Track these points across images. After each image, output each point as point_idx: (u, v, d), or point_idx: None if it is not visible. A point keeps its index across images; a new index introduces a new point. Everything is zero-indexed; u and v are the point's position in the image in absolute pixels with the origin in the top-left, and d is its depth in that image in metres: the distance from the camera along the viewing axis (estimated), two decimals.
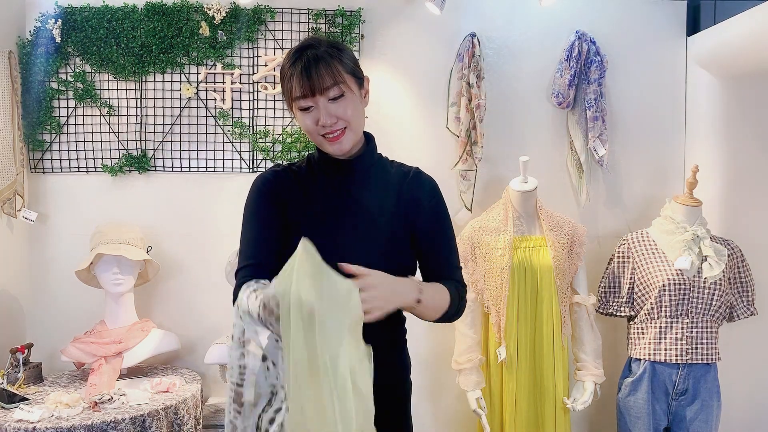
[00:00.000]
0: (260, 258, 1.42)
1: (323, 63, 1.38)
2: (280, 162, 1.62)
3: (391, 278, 1.35)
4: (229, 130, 2.75)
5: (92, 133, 2.72)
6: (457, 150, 2.74)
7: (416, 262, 1.54)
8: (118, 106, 2.72)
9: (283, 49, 2.74)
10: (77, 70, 2.69)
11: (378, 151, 1.57)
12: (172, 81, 2.73)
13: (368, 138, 1.55)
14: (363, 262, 1.44)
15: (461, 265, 1.60)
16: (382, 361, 1.42)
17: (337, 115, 1.41)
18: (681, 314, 2.40)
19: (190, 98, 2.73)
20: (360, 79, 1.47)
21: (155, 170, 2.75)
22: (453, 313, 1.51)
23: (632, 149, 2.86)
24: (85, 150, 2.72)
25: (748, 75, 2.68)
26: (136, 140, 2.73)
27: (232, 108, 2.75)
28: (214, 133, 2.76)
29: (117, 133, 2.73)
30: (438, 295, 1.46)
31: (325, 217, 1.47)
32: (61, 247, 2.72)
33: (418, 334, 2.70)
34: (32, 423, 2.04)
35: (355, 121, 1.45)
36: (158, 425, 2.16)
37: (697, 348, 2.39)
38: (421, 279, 1.53)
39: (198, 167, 2.76)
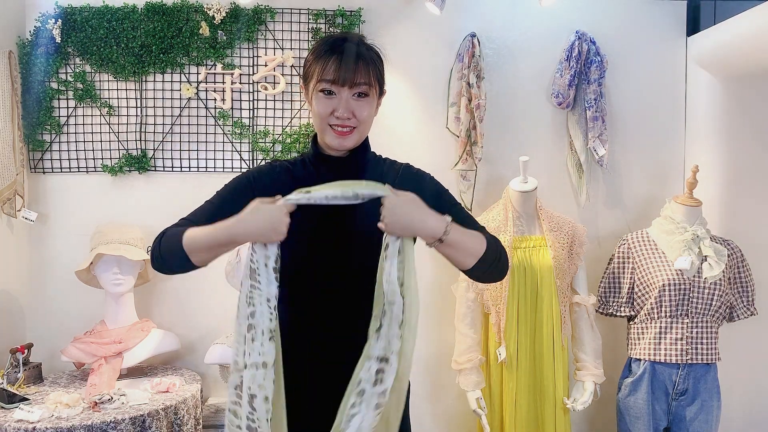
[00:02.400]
0: (198, 219, 1.46)
1: (363, 60, 1.42)
2: (278, 159, 1.62)
3: (419, 207, 1.36)
4: (229, 130, 2.75)
5: (92, 133, 2.73)
6: (457, 150, 2.74)
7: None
8: (118, 106, 2.72)
9: (283, 49, 2.74)
10: (77, 70, 2.69)
11: (371, 150, 1.57)
12: (172, 81, 2.73)
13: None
14: (356, 261, 1.44)
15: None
16: None
17: (354, 113, 1.43)
18: (681, 314, 2.40)
19: (190, 98, 2.73)
20: (382, 89, 1.50)
21: (155, 170, 2.75)
22: (492, 259, 1.44)
23: (632, 149, 2.86)
24: (85, 150, 2.72)
25: (748, 75, 2.68)
26: (136, 140, 2.73)
27: (232, 108, 2.75)
28: (214, 133, 2.76)
29: (117, 133, 2.73)
30: (470, 237, 1.42)
31: (316, 216, 1.46)
32: (61, 247, 2.72)
33: (417, 335, 2.70)
34: (32, 423, 2.04)
35: (365, 125, 1.47)
36: (158, 425, 2.16)
37: (697, 348, 2.39)
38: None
39: (198, 167, 2.76)
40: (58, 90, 2.69)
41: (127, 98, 2.73)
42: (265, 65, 2.73)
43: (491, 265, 1.46)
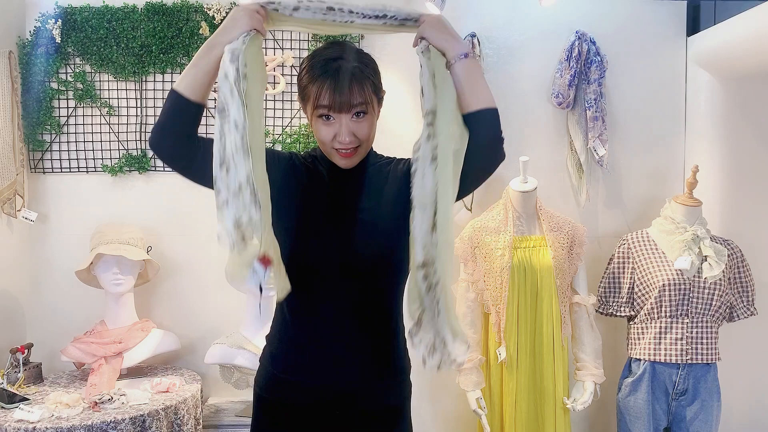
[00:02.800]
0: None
1: (356, 81, 1.38)
2: (297, 152, 1.61)
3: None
4: None
5: (92, 133, 2.73)
6: None
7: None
8: (118, 106, 2.72)
9: (283, 49, 2.74)
10: (77, 70, 2.69)
11: (374, 150, 1.57)
12: (172, 81, 2.73)
13: None
14: (360, 259, 1.44)
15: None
16: (381, 362, 1.42)
17: (356, 134, 1.41)
18: (681, 314, 2.40)
19: None
20: (381, 98, 1.48)
21: (155, 170, 2.75)
22: (497, 128, 1.43)
23: (632, 149, 2.86)
24: (85, 150, 2.73)
25: (748, 75, 2.68)
26: (136, 140, 2.73)
27: None
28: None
29: (117, 133, 2.73)
30: (486, 82, 1.48)
31: (319, 215, 1.46)
32: (61, 247, 2.72)
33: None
34: (32, 423, 2.04)
35: (368, 141, 1.46)
36: (158, 425, 2.16)
37: (697, 348, 2.39)
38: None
39: None
40: (58, 90, 2.69)
41: (127, 98, 2.73)
42: (266, 65, 2.73)
43: (496, 133, 1.43)
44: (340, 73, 1.37)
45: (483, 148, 1.41)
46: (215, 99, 1.45)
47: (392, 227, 1.45)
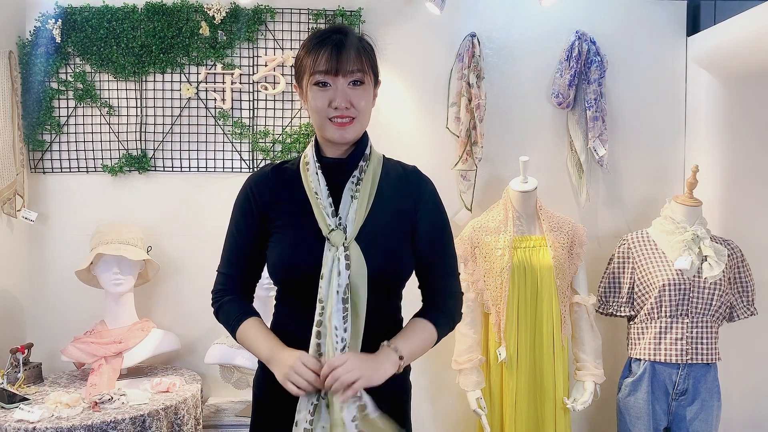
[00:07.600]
0: (232, 270, 1.57)
1: (354, 49, 1.41)
2: (273, 161, 1.61)
3: (366, 360, 1.38)
4: (229, 130, 2.76)
5: (92, 133, 2.73)
6: (457, 150, 2.74)
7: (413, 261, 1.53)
8: (118, 106, 2.73)
9: (283, 49, 2.74)
10: (77, 70, 2.69)
11: (374, 149, 1.54)
12: (172, 81, 2.73)
13: (362, 136, 1.52)
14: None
15: (460, 269, 1.56)
16: None
17: (352, 102, 1.41)
18: (681, 314, 2.40)
19: (190, 98, 2.73)
20: (377, 79, 1.49)
21: (155, 170, 2.75)
22: (445, 335, 1.54)
23: (632, 149, 2.86)
24: (85, 150, 2.73)
25: (748, 75, 2.68)
26: (136, 140, 2.73)
27: (232, 108, 2.75)
28: (214, 133, 2.76)
29: (117, 133, 2.73)
30: (422, 341, 1.49)
31: (313, 219, 1.45)
32: (61, 247, 2.72)
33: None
34: (32, 423, 2.04)
35: (364, 115, 1.45)
36: (158, 425, 2.16)
37: (697, 348, 2.39)
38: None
39: (198, 167, 2.76)
40: (58, 90, 2.69)
41: (127, 98, 2.73)
42: (265, 65, 2.73)
43: (445, 336, 1.56)
44: (338, 41, 1.40)
45: None
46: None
47: (387, 233, 1.45)
